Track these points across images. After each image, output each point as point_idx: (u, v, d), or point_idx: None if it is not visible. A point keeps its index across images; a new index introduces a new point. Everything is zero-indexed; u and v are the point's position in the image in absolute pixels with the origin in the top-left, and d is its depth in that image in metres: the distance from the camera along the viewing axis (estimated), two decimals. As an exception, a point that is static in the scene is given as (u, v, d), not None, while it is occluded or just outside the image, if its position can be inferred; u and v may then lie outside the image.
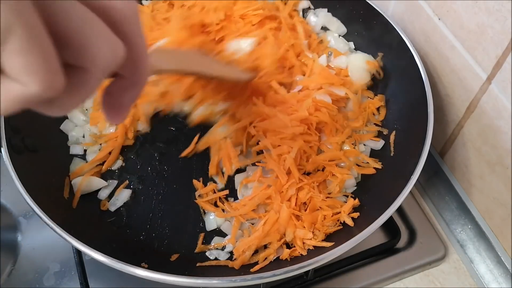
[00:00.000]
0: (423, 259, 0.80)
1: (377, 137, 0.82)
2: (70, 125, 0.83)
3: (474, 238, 0.80)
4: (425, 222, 0.84)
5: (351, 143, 0.80)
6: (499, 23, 0.63)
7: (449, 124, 0.81)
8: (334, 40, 0.93)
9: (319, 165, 0.77)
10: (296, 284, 0.75)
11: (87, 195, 0.77)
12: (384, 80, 0.88)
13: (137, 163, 0.81)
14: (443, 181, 0.84)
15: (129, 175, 0.79)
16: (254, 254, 0.69)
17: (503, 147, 0.69)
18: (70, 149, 0.81)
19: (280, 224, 0.69)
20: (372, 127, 0.83)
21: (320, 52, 0.90)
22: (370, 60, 0.87)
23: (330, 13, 0.95)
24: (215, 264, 0.69)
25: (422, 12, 0.79)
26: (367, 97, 0.87)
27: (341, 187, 0.75)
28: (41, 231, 0.81)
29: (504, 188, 0.71)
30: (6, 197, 0.86)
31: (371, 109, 0.84)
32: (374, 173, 0.78)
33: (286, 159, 0.73)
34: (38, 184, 0.70)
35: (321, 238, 0.69)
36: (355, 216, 0.72)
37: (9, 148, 0.69)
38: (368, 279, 0.77)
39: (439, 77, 0.80)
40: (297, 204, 0.72)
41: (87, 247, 0.60)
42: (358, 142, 0.81)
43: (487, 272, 0.78)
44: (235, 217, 0.72)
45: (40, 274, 0.77)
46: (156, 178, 0.79)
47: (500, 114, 0.68)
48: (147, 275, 0.59)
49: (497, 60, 0.65)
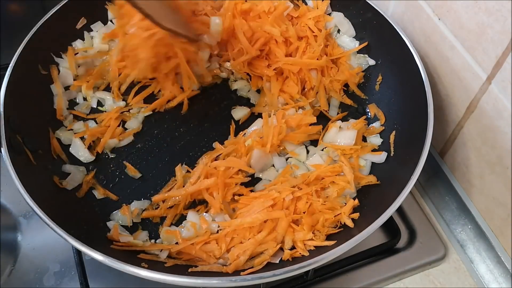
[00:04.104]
0: (423, 259, 0.80)
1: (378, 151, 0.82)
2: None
3: (474, 238, 0.80)
4: (425, 222, 0.84)
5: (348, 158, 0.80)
6: (499, 23, 0.63)
7: (449, 124, 0.81)
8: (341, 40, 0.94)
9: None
10: (296, 284, 0.75)
11: (87, 195, 0.77)
12: (384, 80, 0.88)
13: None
14: (443, 181, 0.84)
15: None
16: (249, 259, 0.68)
17: (503, 147, 0.69)
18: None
19: (278, 232, 0.69)
20: (371, 145, 0.83)
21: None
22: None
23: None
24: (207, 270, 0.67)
25: (422, 12, 0.79)
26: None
27: (340, 193, 0.75)
28: (41, 231, 0.82)
29: (504, 188, 0.71)
30: (6, 197, 0.86)
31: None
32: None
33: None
34: (38, 184, 0.70)
35: (322, 239, 0.69)
36: (355, 217, 0.72)
37: (9, 148, 0.69)
38: (368, 279, 0.77)
39: (439, 77, 0.80)
40: (295, 212, 0.72)
41: (87, 247, 0.60)
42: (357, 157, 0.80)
43: (487, 272, 0.78)
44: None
45: (40, 274, 0.77)
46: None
47: (500, 114, 0.68)
48: (147, 275, 0.59)
49: (497, 60, 0.65)
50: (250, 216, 0.70)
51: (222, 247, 0.69)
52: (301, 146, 0.84)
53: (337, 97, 0.90)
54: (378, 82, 0.89)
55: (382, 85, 0.89)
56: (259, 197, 0.73)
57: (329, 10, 0.95)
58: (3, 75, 0.76)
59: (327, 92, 0.90)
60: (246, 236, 0.69)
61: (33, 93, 0.81)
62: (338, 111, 0.90)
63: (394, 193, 0.66)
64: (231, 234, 0.70)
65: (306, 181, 0.76)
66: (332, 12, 0.95)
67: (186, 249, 0.69)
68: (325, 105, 0.89)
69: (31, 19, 0.85)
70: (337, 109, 0.90)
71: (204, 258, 0.68)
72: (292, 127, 0.82)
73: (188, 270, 0.66)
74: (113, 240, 0.69)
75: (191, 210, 0.75)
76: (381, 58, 0.90)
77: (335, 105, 0.90)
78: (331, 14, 0.95)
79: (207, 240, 0.70)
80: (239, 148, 0.80)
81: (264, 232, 0.68)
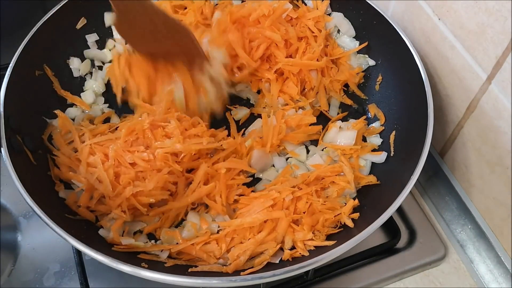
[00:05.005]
0: (423, 259, 0.80)
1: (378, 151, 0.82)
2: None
3: (474, 238, 0.80)
4: (425, 222, 0.84)
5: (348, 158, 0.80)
6: (499, 23, 0.63)
7: (449, 124, 0.81)
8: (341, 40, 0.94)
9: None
10: (296, 284, 0.75)
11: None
12: (384, 80, 0.88)
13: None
14: (443, 181, 0.84)
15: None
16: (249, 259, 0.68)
17: (503, 147, 0.69)
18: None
19: (278, 232, 0.69)
20: (371, 145, 0.83)
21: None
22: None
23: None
24: (207, 270, 0.67)
25: (422, 12, 0.80)
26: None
27: (340, 193, 0.76)
28: (41, 231, 0.81)
29: (504, 188, 0.71)
30: (6, 197, 0.86)
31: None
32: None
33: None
34: (38, 184, 0.70)
35: (322, 239, 0.69)
36: (355, 217, 0.72)
37: (9, 148, 0.69)
38: (368, 279, 0.77)
39: (439, 77, 0.80)
40: (295, 212, 0.72)
41: (87, 247, 0.60)
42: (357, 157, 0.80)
43: (487, 272, 0.78)
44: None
45: (40, 274, 0.77)
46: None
47: (500, 114, 0.68)
48: (147, 275, 0.59)
49: (497, 60, 0.65)
50: (250, 216, 0.70)
51: (222, 247, 0.69)
52: (301, 146, 0.84)
53: (337, 97, 0.90)
54: (378, 82, 0.89)
55: (382, 85, 0.89)
56: (259, 197, 0.73)
57: (329, 11, 0.95)
58: (3, 75, 0.76)
59: (327, 92, 0.90)
60: (246, 236, 0.69)
61: (33, 93, 0.81)
62: (338, 111, 0.90)
63: (394, 193, 0.66)
64: (231, 234, 0.70)
65: (306, 181, 0.76)
66: (332, 13, 0.95)
67: (186, 249, 0.69)
68: (325, 105, 0.89)
69: (31, 19, 0.85)
70: (337, 109, 0.90)
71: (204, 258, 0.68)
72: (292, 127, 0.82)
73: (188, 270, 0.66)
74: (114, 243, 0.68)
75: (191, 211, 0.75)
76: (381, 58, 0.90)
77: (335, 105, 0.90)
78: (331, 15, 0.95)
79: (207, 240, 0.70)
80: (239, 149, 0.80)
81: (264, 232, 0.69)
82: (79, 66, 0.90)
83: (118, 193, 0.70)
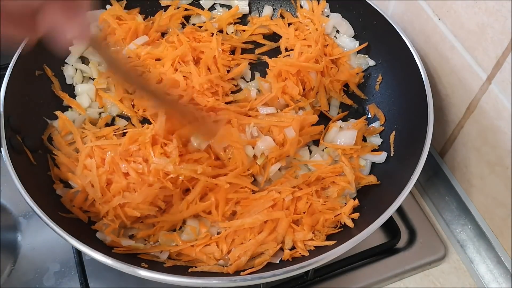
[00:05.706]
0: (423, 259, 0.80)
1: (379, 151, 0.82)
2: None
3: (474, 238, 0.80)
4: (425, 222, 0.84)
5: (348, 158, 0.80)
6: (499, 23, 0.63)
7: (449, 124, 0.81)
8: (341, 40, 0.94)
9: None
10: (296, 284, 0.75)
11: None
12: (384, 80, 0.88)
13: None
14: (443, 181, 0.84)
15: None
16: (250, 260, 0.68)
17: (503, 147, 0.69)
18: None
19: (278, 233, 0.69)
20: (371, 145, 0.83)
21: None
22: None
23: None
24: (207, 270, 0.67)
25: (422, 12, 0.79)
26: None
27: (340, 194, 0.76)
28: (41, 231, 0.82)
29: (504, 188, 0.71)
30: (6, 197, 0.86)
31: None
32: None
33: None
34: (38, 184, 0.70)
35: (322, 239, 0.69)
36: (355, 217, 0.72)
37: (9, 148, 0.69)
38: (368, 279, 0.77)
39: (439, 77, 0.80)
40: (296, 212, 0.72)
41: (87, 247, 0.60)
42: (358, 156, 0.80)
43: (487, 272, 0.78)
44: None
45: (40, 274, 0.77)
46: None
47: (500, 114, 0.68)
48: (147, 275, 0.59)
49: (497, 60, 0.65)
50: (250, 217, 0.70)
51: (222, 249, 0.68)
52: (304, 148, 0.83)
53: (337, 97, 0.90)
54: (378, 82, 0.89)
55: (382, 85, 0.89)
56: (259, 198, 0.73)
57: (328, 12, 0.95)
58: (3, 75, 0.76)
59: (327, 92, 0.89)
60: (247, 237, 0.69)
61: (33, 93, 0.81)
62: (339, 111, 0.90)
63: (394, 193, 0.66)
64: (232, 235, 0.70)
65: (307, 182, 0.76)
66: (330, 14, 0.95)
67: (186, 250, 0.69)
68: (326, 105, 0.89)
69: (31, 19, 0.84)
70: (337, 109, 0.90)
71: (204, 260, 0.68)
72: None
73: (188, 270, 0.66)
74: (114, 246, 0.68)
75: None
76: (381, 58, 0.90)
77: (335, 105, 0.90)
78: (329, 16, 0.95)
79: (208, 242, 0.69)
80: (251, 168, 0.77)
81: (265, 233, 0.69)
82: (73, 74, 0.89)
83: (106, 200, 0.70)
